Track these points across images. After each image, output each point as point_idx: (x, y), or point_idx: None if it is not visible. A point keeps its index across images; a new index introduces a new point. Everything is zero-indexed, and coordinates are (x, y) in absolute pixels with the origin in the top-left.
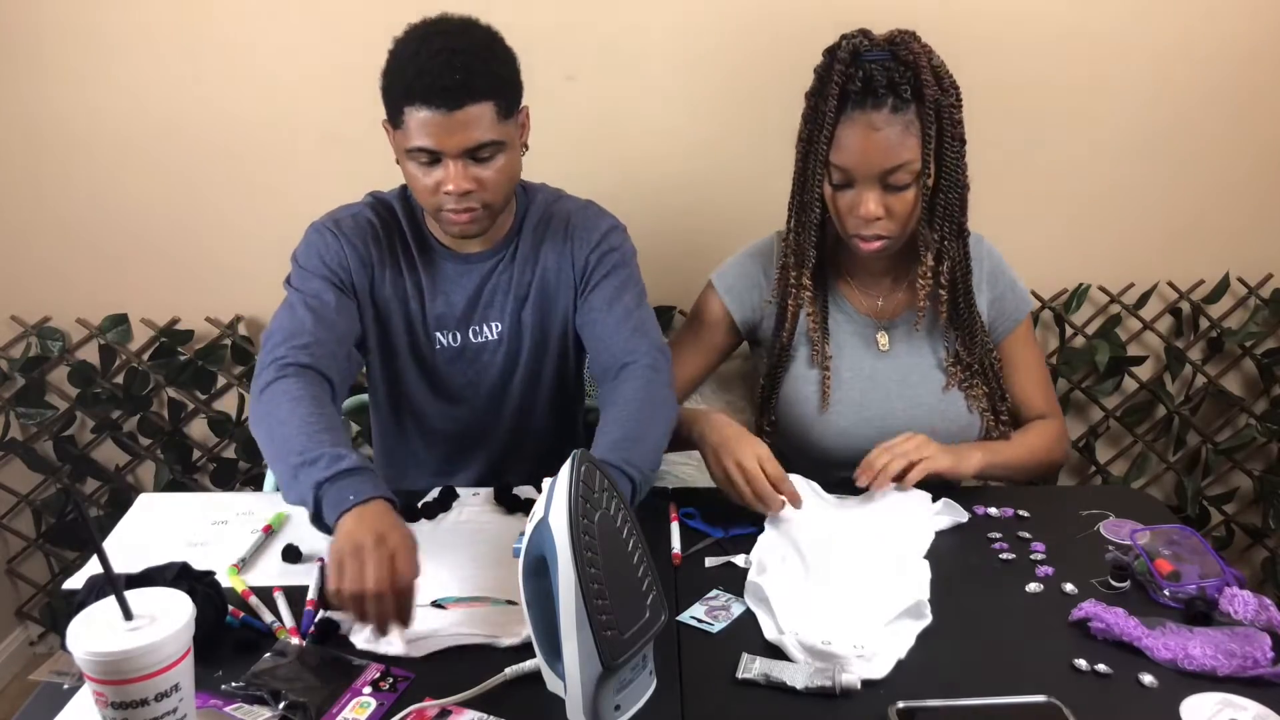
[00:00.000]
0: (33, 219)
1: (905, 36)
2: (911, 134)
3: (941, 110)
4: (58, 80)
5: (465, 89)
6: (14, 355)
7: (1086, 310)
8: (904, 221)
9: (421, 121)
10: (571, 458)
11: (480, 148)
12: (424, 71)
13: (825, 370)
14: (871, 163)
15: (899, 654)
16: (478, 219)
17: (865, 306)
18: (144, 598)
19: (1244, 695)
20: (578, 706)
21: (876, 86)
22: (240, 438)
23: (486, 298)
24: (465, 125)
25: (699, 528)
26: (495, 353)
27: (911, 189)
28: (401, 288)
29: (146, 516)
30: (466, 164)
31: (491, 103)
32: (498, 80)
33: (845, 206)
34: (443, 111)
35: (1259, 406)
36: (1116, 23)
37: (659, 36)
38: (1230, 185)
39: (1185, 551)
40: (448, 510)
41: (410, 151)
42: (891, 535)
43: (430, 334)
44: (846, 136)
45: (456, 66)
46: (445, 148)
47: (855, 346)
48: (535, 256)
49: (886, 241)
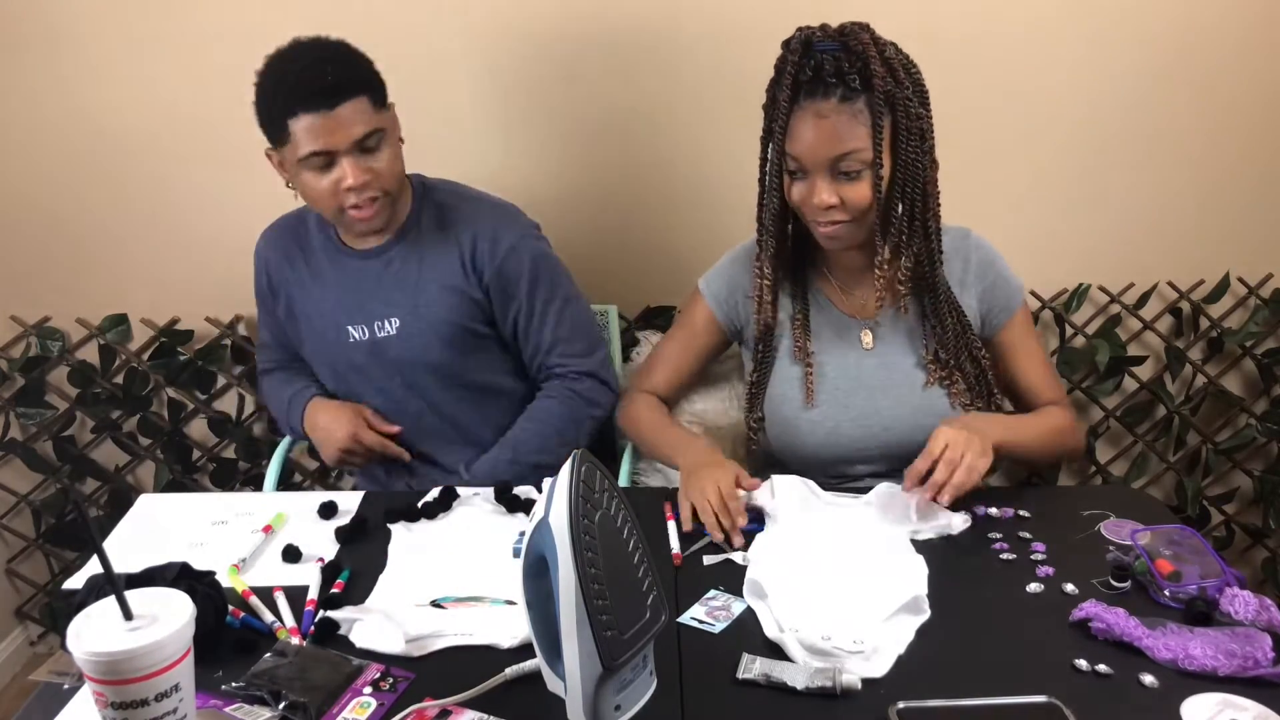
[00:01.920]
0: (32, 219)
1: (855, 28)
2: (860, 123)
3: (895, 101)
4: (57, 81)
5: (339, 87)
6: (14, 355)
7: (1086, 310)
8: (858, 211)
9: (307, 127)
10: (572, 458)
11: (366, 138)
12: (298, 82)
13: (808, 367)
14: (819, 151)
15: (899, 650)
16: (380, 209)
17: (848, 305)
18: (144, 598)
19: (1244, 695)
20: (578, 707)
21: (825, 76)
22: (240, 437)
23: (385, 292)
24: (348, 120)
25: (694, 527)
26: (399, 346)
27: (864, 178)
28: (315, 288)
29: (146, 517)
30: (357, 157)
31: (365, 96)
32: (365, 74)
33: (801, 196)
34: (324, 112)
35: (1259, 406)
36: (1116, 22)
37: (659, 36)
38: (1230, 185)
39: (1186, 552)
40: (448, 510)
41: (303, 160)
42: (887, 532)
43: (343, 327)
44: (798, 125)
45: (325, 70)
46: (335, 144)
47: (839, 344)
48: (433, 253)
49: (841, 228)
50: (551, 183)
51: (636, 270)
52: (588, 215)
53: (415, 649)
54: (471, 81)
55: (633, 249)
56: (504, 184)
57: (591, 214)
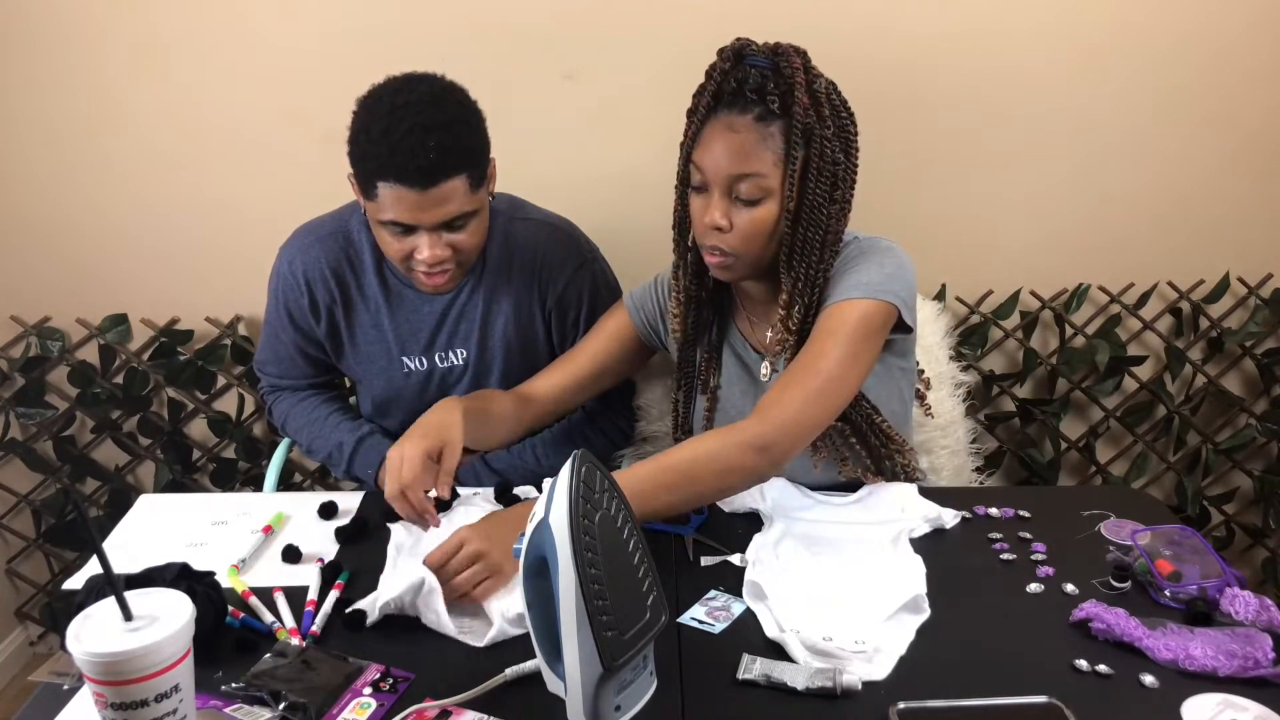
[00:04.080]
0: (33, 219)
1: (791, 50)
2: (769, 148)
3: (812, 137)
4: (56, 81)
5: (439, 167)
6: (14, 355)
7: (1086, 310)
8: (747, 240)
9: (395, 198)
10: (572, 458)
11: (455, 219)
12: (396, 150)
13: (709, 403)
14: (722, 165)
15: (900, 650)
16: (451, 278)
17: (754, 338)
18: (144, 598)
19: (1245, 696)
20: (578, 707)
21: (747, 90)
22: (240, 438)
23: (451, 325)
24: (440, 201)
25: (661, 529)
26: (462, 377)
27: (761, 207)
28: (366, 314)
29: (146, 517)
30: (440, 234)
31: (465, 175)
32: (470, 153)
33: (697, 210)
34: (417, 190)
35: (1259, 406)
36: (1116, 22)
37: (659, 36)
38: (1230, 185)
39: (1186, 552)
40: (448, 510)
41: (383, 222)
42: (884, 531)
43: (396, 358)
44: (708, 135)
45: (430, 146)
46: (420, 222)
47: (741, 377)
48: (502, 286)
49: (726, 259)
50: (551, 183)
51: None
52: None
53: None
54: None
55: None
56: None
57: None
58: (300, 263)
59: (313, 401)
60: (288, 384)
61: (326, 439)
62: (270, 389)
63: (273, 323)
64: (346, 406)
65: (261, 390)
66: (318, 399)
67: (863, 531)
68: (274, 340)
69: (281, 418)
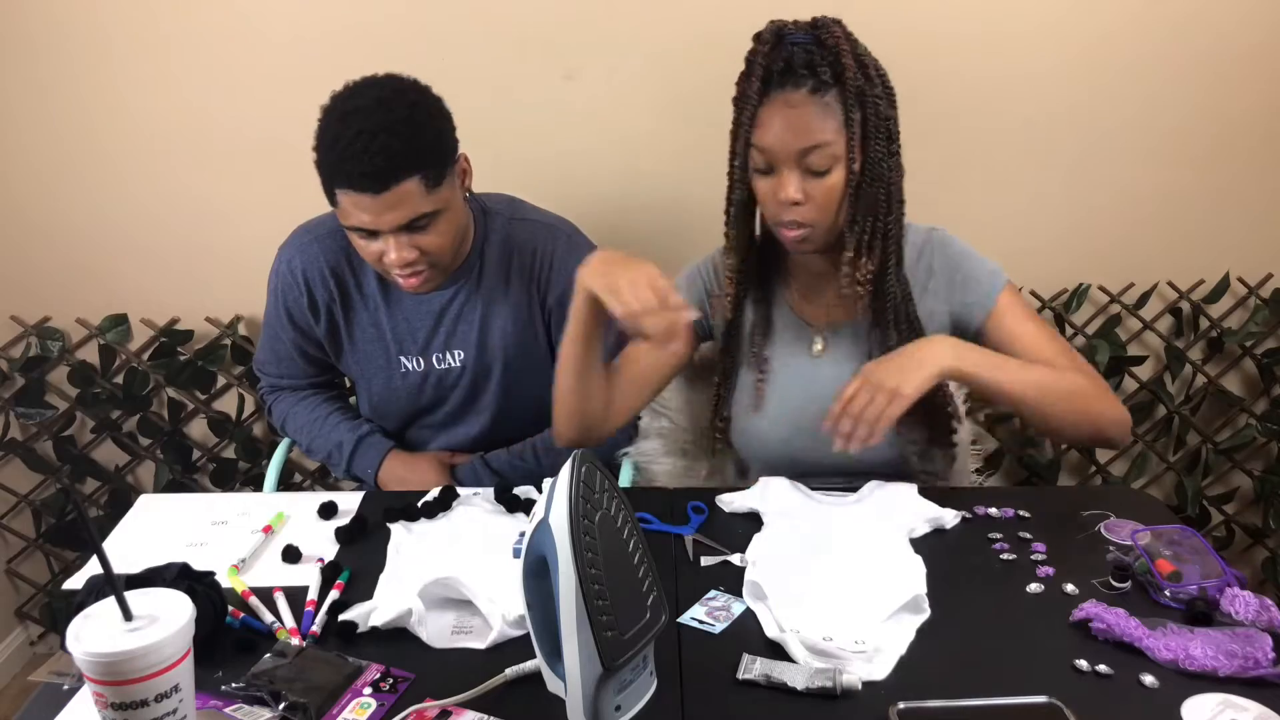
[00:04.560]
0: (33, 219)
1: (828, 21)
2: (831, 116)
3: (865, 99)
4: (56, 81)
5: (388, 170)
6: (14, 355)
7: (1086, 310)
8: (824, 210)
9: (352, 203)
10: (572, 458)
11: (413, 221)
12: (345, 157)
13: (760, 373)
14: (788, 142)
15: (900, 650)
16: (427, 279)
17: (808, 313)
18: (144, 598)
19: (1245, 696)
20: (578, 707)
21: (796, 67)
22: (240, 438)
23: (448, 326)
24: (395, 204)
25: (661, 529)
26: (460, 378)
27: (832, 175)
28: (365, 313)
29: (146, 517)
30: (404, 236)
31: (418, 176)
32: (421, 154)
33: (768, 192)
34: (369, 194)
35: (1259, 406)
36: (1115, 22)
37: (659, 36)
38: (1230, 185)
39: (1186, 552)
40: (448, 510)
41: (349, 228)
42: (884, 531)
43: (394, 358)
44: (767, 117)
45: (375, 150)
46: (379, 226)
47: (792, 351)
48: (500, 288)
49: (807, 231)
50: (551, 183)
51: None
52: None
53: (439, 589)
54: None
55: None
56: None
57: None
58: (299, 262)
59: (312, 401)
60: (287, 384)
61: (326, 438)
62: (270, 389)
63: (272, 322)
64: (346, 406)
65: (261, 390)
66: (317, 399)
67: (863, 532)
68: (274, 340)
69: (281, 418)
